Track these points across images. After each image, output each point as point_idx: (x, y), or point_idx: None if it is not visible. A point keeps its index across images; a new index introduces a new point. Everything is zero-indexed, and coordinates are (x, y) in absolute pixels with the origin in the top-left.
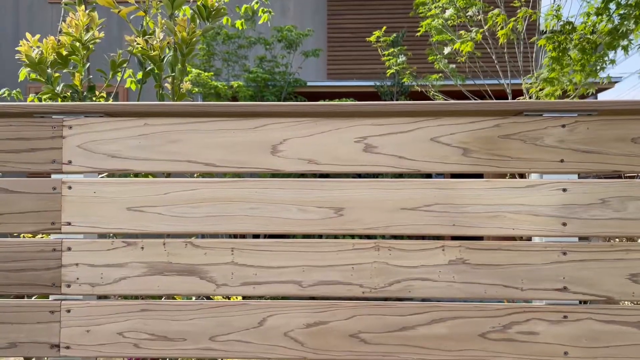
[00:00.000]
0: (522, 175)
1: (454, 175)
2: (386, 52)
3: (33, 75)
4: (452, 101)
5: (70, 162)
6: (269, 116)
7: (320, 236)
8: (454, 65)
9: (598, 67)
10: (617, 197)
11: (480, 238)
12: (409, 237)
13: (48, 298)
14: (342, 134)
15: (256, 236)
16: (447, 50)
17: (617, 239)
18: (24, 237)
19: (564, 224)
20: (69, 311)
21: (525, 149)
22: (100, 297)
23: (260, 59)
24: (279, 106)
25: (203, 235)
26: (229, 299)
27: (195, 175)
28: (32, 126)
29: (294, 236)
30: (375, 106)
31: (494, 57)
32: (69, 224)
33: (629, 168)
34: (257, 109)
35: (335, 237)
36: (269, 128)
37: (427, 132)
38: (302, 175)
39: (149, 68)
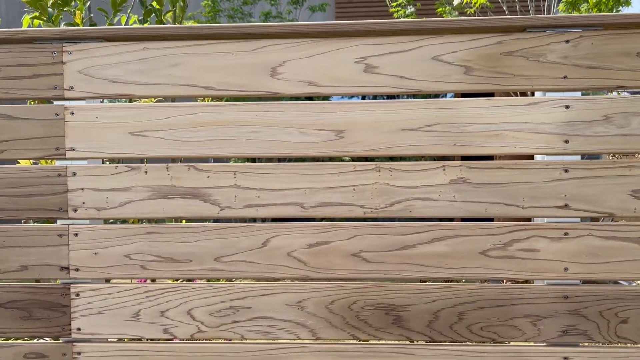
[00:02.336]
0: (523, 94)
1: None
2: (394, 3)
3: (35, 14)
4: (453, 18)
5: (71, 87)
6: (268, 37)
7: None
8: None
9: (614, 11)
10: (620, 113)
11: (482, 158)
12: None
13: (55, 222)
14: (342, 54)
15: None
16: (456, 1)
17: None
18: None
19: (566, 142)
20: (76, 235)
21: (528, 66)
22: (106, 221)
23: (266, 14)
24: (277, 27)
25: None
26: None
27: (200, 100)
28: (32, 52)
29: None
30: (376, 24)
31: (504, 7)
32: (73, 149)
33: (633, 83)
34: (255, 29)
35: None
36: (268, 50)
37: (428, 51)
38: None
39: (150, 3)
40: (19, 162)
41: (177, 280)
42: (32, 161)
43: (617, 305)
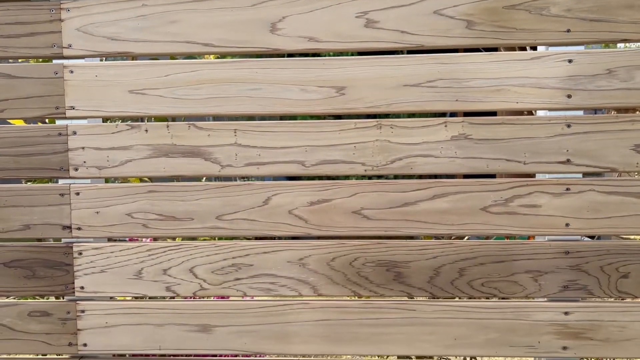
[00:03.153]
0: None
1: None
2: None
3: None
4: None
5: (70, 45)
6: None
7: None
8: None
9: None
10: (624, 66)
11: (483, 113)
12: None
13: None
14: (343, 9)
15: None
16: None
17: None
18: None
19: (569, 96)
20: (78, 194)
21: (531, 19)
22: (107, 180)
23: None
24: None
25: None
26: None
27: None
28: (29, 10)
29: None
30: None
31: None
32: (73, 108)
33: (637, 37)
34: None
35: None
36: (268, 5)
37: (430, 5)
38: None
39: None
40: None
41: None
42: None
43: (618, 260)
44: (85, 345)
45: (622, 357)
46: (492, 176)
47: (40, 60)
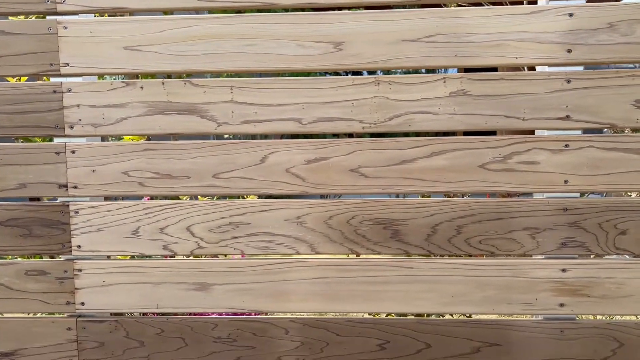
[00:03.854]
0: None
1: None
2: None
3: None
4: None
5: (63, 1)
6: None
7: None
8: None
9: None
10: (625, 20)
11: (483, 70)
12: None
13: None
14: None
15: None
16: None
17: None
18: None
19: (569, 51)
20: (73, 152)
21: None
22: (103, 138)
23: None
24: None
25: None
26: None
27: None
28: None
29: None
30: None
31: None
32: (67, 65)
33: None
34: None
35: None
36: None
37: None
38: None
39: None
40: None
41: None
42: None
43: (617, 217)
44: (82, 304)
45: (620, 313)
46: (491, 133)
47: (34, 16)
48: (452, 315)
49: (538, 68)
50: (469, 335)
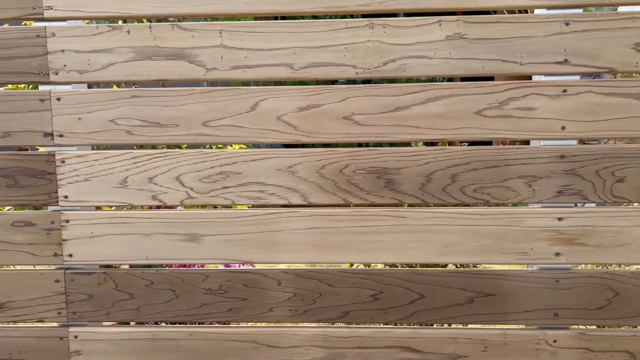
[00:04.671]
0: None
1: None
2: None
3: None
4: None
5: None
6: None
7: None
8: None
9: None
10: None
11: (480, 12)
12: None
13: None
14: None
15: None
16: None
17: None
18: None
19: None
20: (59, 99)
21: None
22: (90, 86)
23: None
24: None
25: None
26: None
27: None
28: None
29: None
30: None
31: None
32: (51, 8)
33: None
34: None
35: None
36: None
37: None
38: None
39: None
40: None
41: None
42: None
43: (614, 164)
44: (70, 255)
45: (616, 262)
46: (488, 79)
47: None
48: (446, 265)
49: (536, 11)
50: (463, 286)
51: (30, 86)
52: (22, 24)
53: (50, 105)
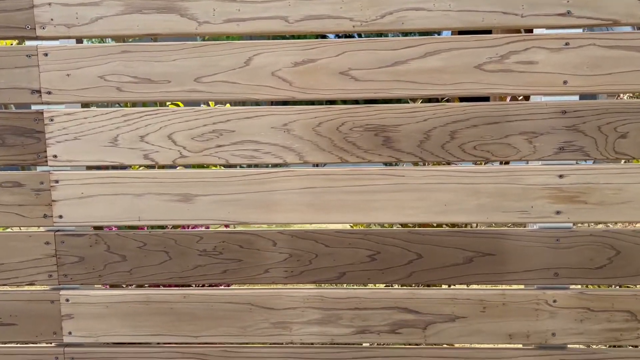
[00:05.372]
0: None
1: None
2: None
3: None
4: None
5: None
6: None
7: None
8: None
9: None
10: None
11: None
12: None
13: (24, 43)
14: None
15: None
16: None
17: None
18: None
19: None
20: (46, 55)
21: None
22: (78, 41)
23: None
24: None
25: None
26: None
27: None
28: None
29: None
30: None
31: None
32: None
33: None
34: None
35: None
36: None
37: None
38: None
39: None
40: None
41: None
42: None
43: (617, 119)
44: (60, 217)
45: (617, 220)
46: (488, 33)
47: None
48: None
49: None
50: (462, 245)
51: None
52: None
53: (37, 61)
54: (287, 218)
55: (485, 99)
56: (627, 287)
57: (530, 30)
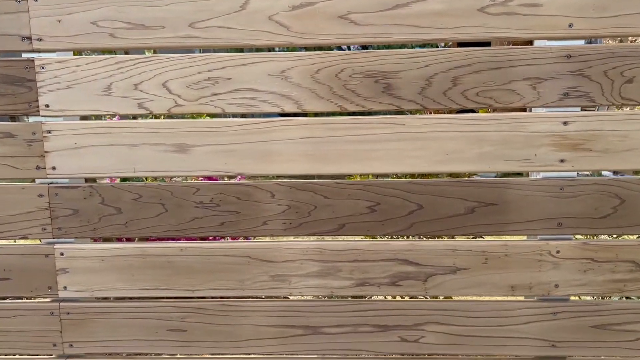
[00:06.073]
0: None
1: None
2: None
3: None
4: None
5: None
6: None
7: None
8: None
9: None
10: None
11: None
12: None
13: None
14: None
15: None
16: None
17: None
18: None
19: None
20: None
21: None
22: None
23: None
24: None
25: None
26: None
27: None
28: None
29: None
30: None
31: None
32: None
33: None
34: None
35: None
36: None
37: None
38: None
39: None
40: None
41: None
42: None
43: (624, 63)
44: (54, 168)
45: (622, 168)
46: None
47: None
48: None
49: None
50: (464, 195)
51: None
52: None
53: (27, 6)
54: (285, 168)
55: (487, 44)
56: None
57: None
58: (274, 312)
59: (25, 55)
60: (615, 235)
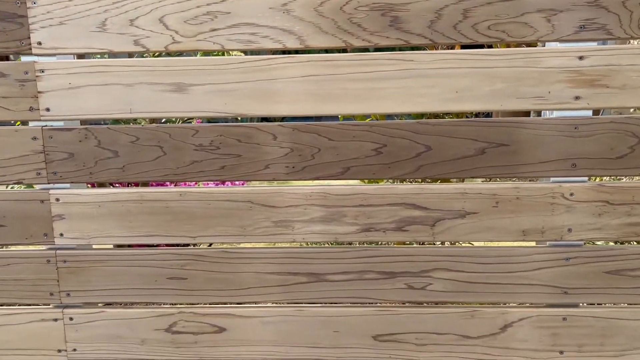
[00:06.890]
0: None
1: None
2: None
3: None
4: None
5: None
6: None
7: None
8: None
9: None
10: None
11: None
12: None
13: None
14: None
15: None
16: None
17: None
18: None
19: None
20: None
21: None
22: None
23: None
24: None
25: None
26: None
27: None
28: None
29: None
30: None
31: None
32: None
33: None
34: None
35: None
36: None
37: None
38: None
39: None
40: None
41: None
42: None
43: None
44: (48, 110)
45: None
46: None
47: None
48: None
49: None
50: (474, 136)
51: None
52: None
53: None
54: (287, 109)
55: None
56: None
57: None
58: (277, 259)
59: None
60: (632, 177)
